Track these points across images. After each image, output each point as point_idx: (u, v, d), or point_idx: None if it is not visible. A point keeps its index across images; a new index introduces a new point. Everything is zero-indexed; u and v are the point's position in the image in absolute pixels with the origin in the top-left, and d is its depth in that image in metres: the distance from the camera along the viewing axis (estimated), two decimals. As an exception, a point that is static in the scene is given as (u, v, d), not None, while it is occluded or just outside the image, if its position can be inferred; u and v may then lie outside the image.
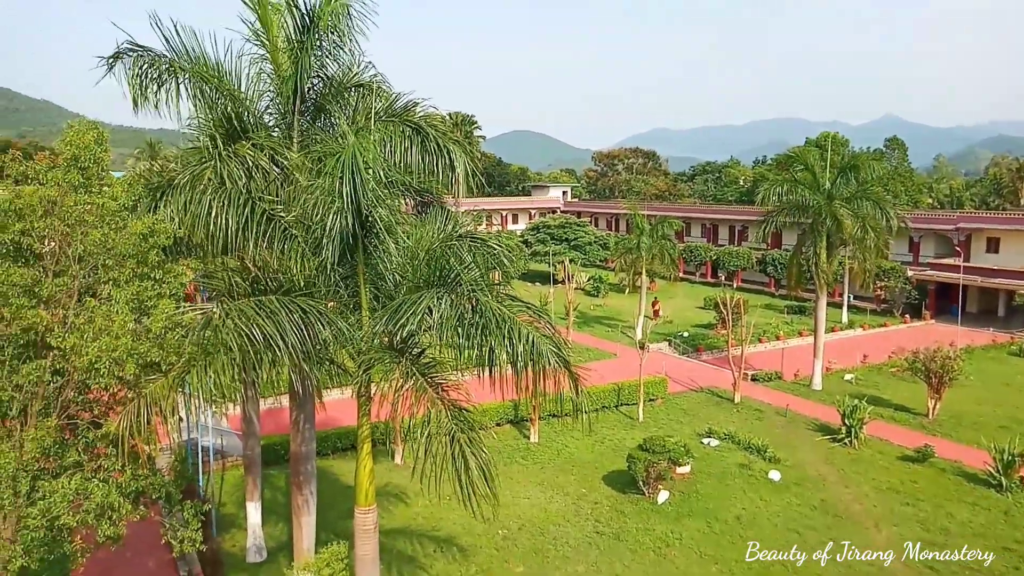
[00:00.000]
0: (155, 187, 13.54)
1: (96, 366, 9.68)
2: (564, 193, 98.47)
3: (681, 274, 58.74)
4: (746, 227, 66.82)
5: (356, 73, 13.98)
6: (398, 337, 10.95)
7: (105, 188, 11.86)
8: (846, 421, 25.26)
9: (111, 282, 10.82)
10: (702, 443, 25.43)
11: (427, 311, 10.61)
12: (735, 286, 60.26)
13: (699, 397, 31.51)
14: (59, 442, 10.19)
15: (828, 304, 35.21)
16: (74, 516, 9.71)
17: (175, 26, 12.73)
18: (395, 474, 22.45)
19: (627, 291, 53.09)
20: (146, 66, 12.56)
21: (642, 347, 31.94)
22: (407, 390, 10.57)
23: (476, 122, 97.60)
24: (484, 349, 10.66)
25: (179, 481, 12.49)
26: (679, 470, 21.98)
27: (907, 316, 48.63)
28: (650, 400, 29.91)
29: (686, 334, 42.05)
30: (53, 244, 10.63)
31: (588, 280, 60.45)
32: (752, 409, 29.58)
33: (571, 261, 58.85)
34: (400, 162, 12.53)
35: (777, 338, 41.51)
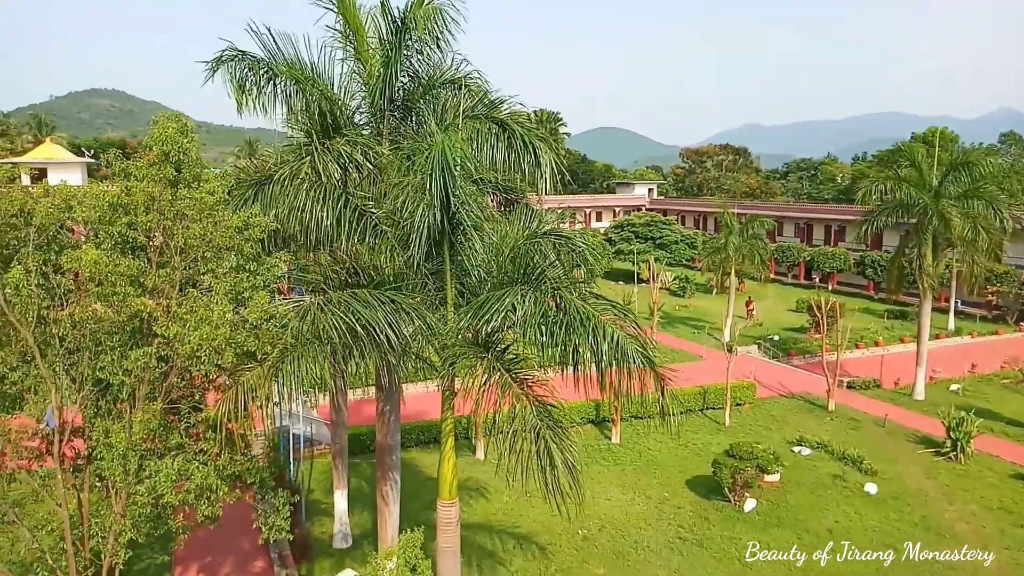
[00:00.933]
0: (252, 182, 14.14)
1: (197, 353, 10.15)
2: (650, 191, 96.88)
3: (772, 275, 56.66)
4: (843, 227, 63.79)
5: (444, 71, 14.12)
6: (482, 333, 10.99)
7: (203, 184, 12.37)
8: (951, 434, 23.70)
9: (210, 273, 11.32)
10: (792, 451, 24.44)
11: (511, 308, 10.59)
12: (830, 288, 57.65)
13: (790, 403, 30.31)
14: (163, 424, 10.74)
15: (933, 309, 33.14)
16: (176, 495, 10.22)
17: (270, 31, 13.25)
18: (476, 469, 22.63)
19: (714, 292, 51.71)
20: (246, 70, 13.11)
21: (730, 350, 31.03)
22: (491, 385, 10.59)
23: (561, 119, 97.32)
24: (568, 347, 10.56)
25: (272, 467, 12.96)
26: (767, 478, 21.19)
27: (1022, 324, 45.23)
28: (737, 405, 29.00)
29: (777, 337, 40.54)
30: (158, 237, 11.21)
31: (674, 280, 59.21)
32: (847, 418, 28.21)
33: (656, 260, 57.82)
34: (486, 159, 12.58)
35: (876, 344, 39.44)
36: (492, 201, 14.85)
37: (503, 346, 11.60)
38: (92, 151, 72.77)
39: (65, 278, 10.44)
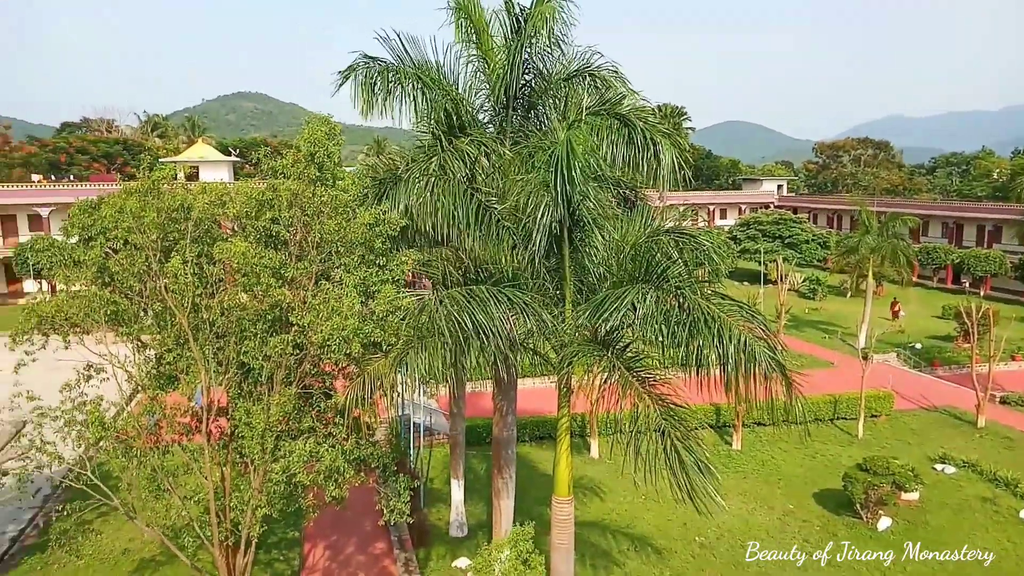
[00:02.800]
0: (381, 180, 14.74)
1: (328, 343, 10.72)
2: (779, 187, 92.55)
3: (915, 278, 52.55)
4: (999, 227, 58.22)
5: (566, 67, 14.10)
6: (601, 331, 10.90)
7: (339, 182, 13.03)
8: None
9: (342, 267, 11.93)
10: (934, 469, 22.61)
11: (631, 306, 10.43)
12: (982, 294, 52.83)
13: (932, 417, 28.05)
14: (297, 408, 11.43)
15: (1108, 320, 29.63)
16: (307, 475, 10.85)
17: (399, 36, 13.74)
18: (590, 467, 22.53)
19: (848, 295, 48.71)
20: (376, 75, 13.65)
21: (865, 357, 29.12)
22: (610, 384, 10.49)
23: (685, 113, 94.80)
24: (691, 348, 10.27)
25: (394, 453, 13.48)
26: (904, 496, 19.74)
27: None
28: (872, 416, 27.17)
29: (919, 346, 37.63)
30: (297, 232, 11.92)
31: (803, 281, 56.27)
32: (1000, 436, 25.74)
33: (784, 260, 55.17)
34: (606, 155, 12.46)
35: (1035, 356, 35.78)
36: (612, 198, 14.71)
37: (622, 344, 11.45)
38: (237, 150, 78.49)
39: (216, 268, 11.30)
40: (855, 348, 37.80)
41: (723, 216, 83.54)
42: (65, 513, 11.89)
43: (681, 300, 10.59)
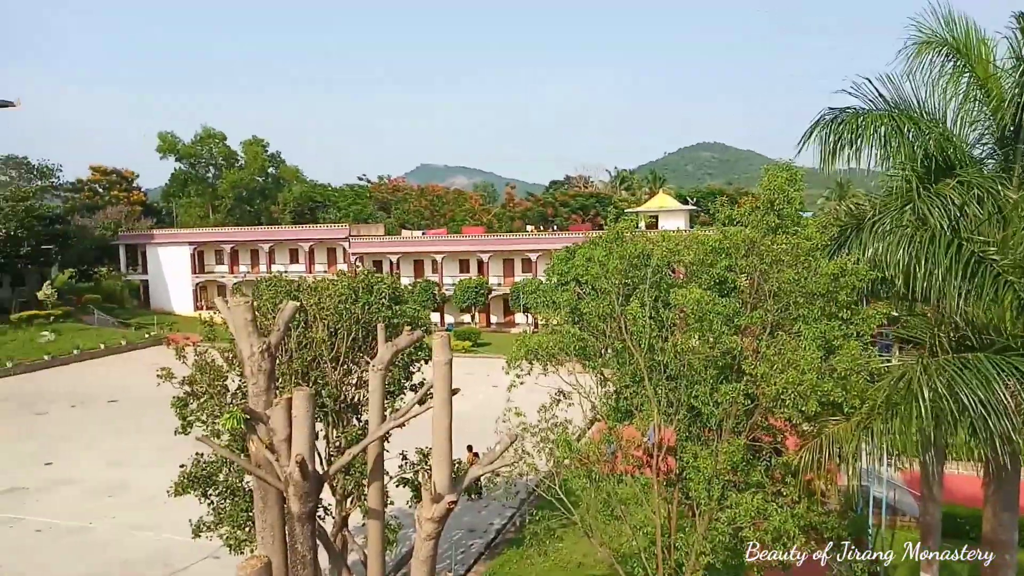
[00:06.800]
0: (844, 227, 13.61)
1: (782, 396, 10.27)
2: None
3: None
4: None
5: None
6: None
7: (799, 229, 12.49)
8: None
9: (800, 319, 11.34)
10: None
11: None
12: None
13: None
14: (745, 460, 11.18)
15: None
16: (754, 532, 10.49)
17: (869, 81, 12.50)
18: None
19: None
20: (841, 126, 12.60)
21: None
22: None
23: None
24: None
25: (850, 527, 12.20)
26: None
27: None
28: None
29: None
30: (753, 280, 11.78)
31: None
32: None
33: None
34: None
35: None
36: None
37: None
38: (694, 199, 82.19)
39: (671, 313, 11.87)
40: None
41: None
42: (537, 518, 13.69)
43: None
